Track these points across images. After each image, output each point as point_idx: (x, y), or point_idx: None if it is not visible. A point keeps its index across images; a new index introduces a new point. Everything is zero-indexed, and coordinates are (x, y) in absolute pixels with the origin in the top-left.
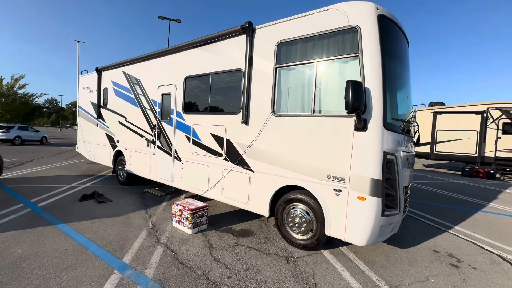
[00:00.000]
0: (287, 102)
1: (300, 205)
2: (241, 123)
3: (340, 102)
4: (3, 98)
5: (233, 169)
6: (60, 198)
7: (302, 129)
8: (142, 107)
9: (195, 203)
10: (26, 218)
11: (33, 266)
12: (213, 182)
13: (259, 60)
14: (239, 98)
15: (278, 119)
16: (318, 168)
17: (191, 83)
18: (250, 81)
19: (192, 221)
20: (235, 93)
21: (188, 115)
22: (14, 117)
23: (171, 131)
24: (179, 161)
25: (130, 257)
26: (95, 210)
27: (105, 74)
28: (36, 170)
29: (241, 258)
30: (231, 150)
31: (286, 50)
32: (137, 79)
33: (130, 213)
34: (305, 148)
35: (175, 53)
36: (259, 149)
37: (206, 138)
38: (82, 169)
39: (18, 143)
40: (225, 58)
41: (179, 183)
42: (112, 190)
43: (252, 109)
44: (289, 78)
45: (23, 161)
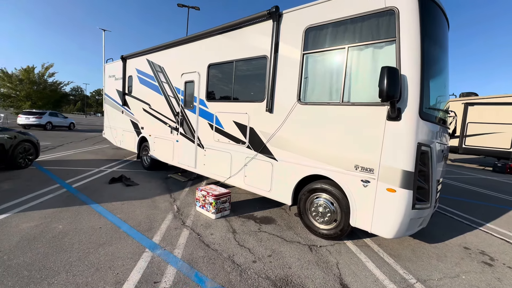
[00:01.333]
0: (314, 90)
1: (324, 195)
2: (265, 111)
3: (371, 90)
4: (35, 86)
5: (256, 157)
6: (91, 180)
7: (330, 118)
8: (166, 95)
9: (218, 189)
10: (63, 197)
11: (73, 241)
12: (236, 169)
13: (285, 47)
14: (264, 86)
15: (304, 108)
16: (345, 158)
17: (214, 70)
18: (275, 68)
19: (216, 207)
20: (260, 80)
21: (211, 102)
22: (45, 104)
23: (194, 118)
24: (201, 148)
25: (159, 237)
26: (123, 193)
27: (129, 62)
28: (67, 154)
29: (264, 244)
30: (254, 138)
31: (314, 35)
32: (160, 66)
33: (155, 196)
34: (331, 137)
35: (198, 40)
36: (283, 137)
37: (229, 126)
38: (109, 154)
39: (49, 128)
40: (249, 44)
41: (201, 169)
42: (138, 174)
43: (277, 97)
44: (317, 65)
45: (55, 145)
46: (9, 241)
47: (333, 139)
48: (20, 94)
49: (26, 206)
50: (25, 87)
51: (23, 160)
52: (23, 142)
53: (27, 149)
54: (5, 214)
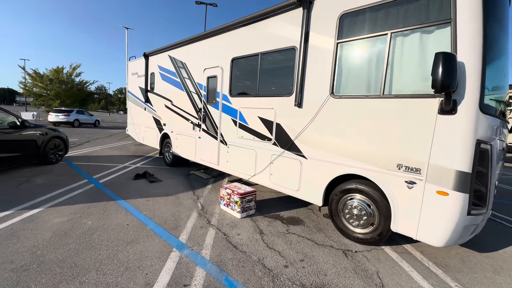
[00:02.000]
0: (350, 82)
1: (359, 196)
2: (294, 106)
3: (418, 80)
4: (64, 85)
5: (283, 154)
6: (117, 176)
7: (368, 112)
8: (188, 91)
9: (243, 188)
10: (91, 192)
11: (102, 238)
12: (261, 167)
13: (317, 36)
14: (292, 79)
15: (338, 101)
16: (385, 157)
17: (238, 64)
18: (305, 59)
19: (241, 206)
20: (287, 73)
21: (235, 98)
22: (73, 102)
23: (217, 114)
24: (225, 144)
25: (185, 236)
26: (147, 189)
27: (152, 59)
28: (93, 149)
29: (295, 247)
30: (281, 135)
31: (350, 22)
32: (182, 62)
33: (179, 193)
34: (369, 133)
35: (221, 34)
36: (313, 134)
37: (253, 122)
38: (132, 150)
39: (76, 125)
40: (276, 35)
41: (224, 166)
42: (160, 170)
43: (307, 91)
44: (353, 54)
45: (82, 141)
46: (42, 236)
47: (372, 135)
48: (50, 93)
49: (57, 201)
50: (54, 87)
51: (54, 155)
52: (53, 138)
53: (57, 145)
54: (38, 209)
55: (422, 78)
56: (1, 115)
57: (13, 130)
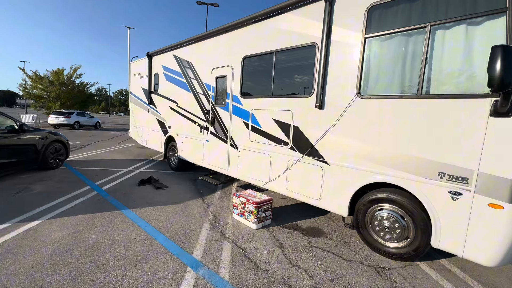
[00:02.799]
0: (380, 81)
1: (391, 207)
2: (315, 107)
3: (463, 78)
4: (64, 87)
5: (301, 160)
6: (121, 182)
7: (402, 114)
8: (194, 92)
9: (258, 196)
10: (94, 201)
11: (108, 255)
12: (276, 173)
13: (341, 31)
14: (312, 78)
15: (366, 102)
16: (424, 164)
17: (250, 63)
18: (327, 57)
19: (257, 216)
20: (306, 72)
21: (247, 99)
22: (73, 104)
23: (226, 116)
24: (235, 149)
25: (199, 252)
26: (154, 196)
27: (155, 59)
28: (95, 153)
29: (321, 263)
30: (300, 139)
31: (380, 15)
32: (188, 62)
33: (187, 201)
34: (404, 137)
35: (231, 31)
36: (337, 138)
37: (268, 125)
38: (134, 153)
39: (77, 127)
40: (293, 32)
41: (235, 172)
42: (166, 175)
43: (329, 91)
44: (384, 50)
45: (83, 144)
46: (41, 254)
47: (407, 139)
48: (50, 95)
49: (57, 212)
50: (55, 88)
51: (54, 160)
52: (54, 142)
53: (58, 149)
54: (37, 221)
55: (468, 76)
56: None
57: (11, 134)
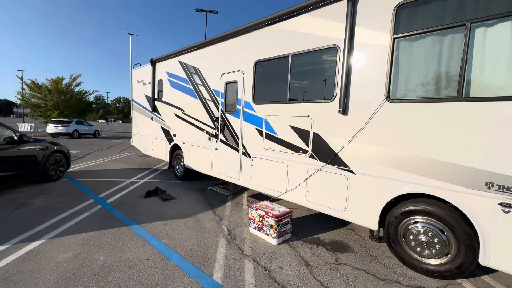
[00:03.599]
0: (412, 83)
1: (427, 219)
2: (338, 112)
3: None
4: (63, 95)
5: (323, 168)
6: (126, 194)
7: (439, 118)
8: (202, 98)
9: (277, 208)
10: (99, 216)
11: (120, 281)
12: (294, 183)
13: (365, 32)
14: (333, 82)
15: (397, 106)
16: (468, 172)
17: (263, 68)
18: (350, 59)
19: (277, 230)
20: (327, 76)
21: (260, 105)
22: (72, 112)
23: (237, 123)
24: (247, 157)
25: (220, 274)
26: (162, 209)
27: (159, 65)
28: (96, 163)
29: (355, 284)
30: (321, 146)
31: (411, 13)
32: (195, 68)
33: (198, 213)
34: (443, 144)
35: (241, 35)
36: (363, 145)
37: (284, 132)
38: (137, 162)
39: (76, 136)
40: (311, 34)
41: (248, 182)
42: (172, 185)
43: (353, 95)
44: (416, 51)
45: (84, 153)
46: (45, 282)
47: (445, 146)
48: (48, 103)
49: (61, 229)
50: (53, 97)
51: (55, 172)
52: (54, 153)
53: (59, 160)
54: (39, 241)
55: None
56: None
57: (10, 145)
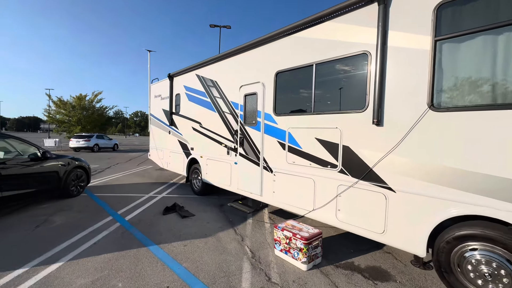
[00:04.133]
0: (463, 89)
1: (487, 246)
2: (372, 123)
3: None
4: (85, 111)
5: (356, 185)
6: (144, 210)
7: (501, 127)
8: (220, 111)
9: (305, 228)
10: (118, 235)
11: None
12: (322, 200)
13: (400, 35)
14: (364, 90)
15: (443, 115)
16: None
17: (284, 78)
18: (383, 65)
19: (307, 254)
20: (356, 84)
21: (282, 117)
22: (93, 127)
23: (257, 136)
24: (269, 172)
25: None
26: (181, 227)
27: (177, 79)
28: (115, 177)
29: None
30: (352, 160)
31: (454, 12)
32: (213, 81)
33: (218, 232)
34: (506, 157)
35: (260, 46)
36: (404, 159)
37: (309, 145)
38: (154, 176)
39: (96, 150)
40: (337, 41)
41: (270, 198)
42: (189, 201)
43: (388, 104)
44: (464, 53)
45: (103, 167)
46: None
47: (510, 160)
48: (72, 119)
49: (79, 250)
50: (76, 113)
51: (75, 187)
52: (75, 168)
53: (79, 176)
54: (57, 263)
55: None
56: (22, 146)
57: (34, 162)
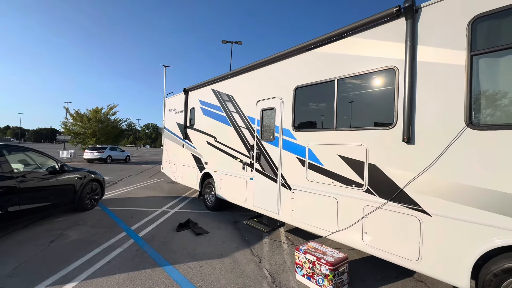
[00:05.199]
0: (503, 106)
1: None
2: (402, 141)
3: None
4: (100, 123)
5: (384, 206)
6: (157, 226)
7: None
8: (236, 126)
9: (329, 252)
10: (132, 253)
11: None
12: (347, 221)
13: (431, 50)
14: (391, 107)
15: (483, 134)
16: None
17: (304, 93)
18: (413, 81)
19: (334, 282)
20: (383, 100)
21: (301, 132)
22: (107, 139)
23: (275, 152)
24: (288, 189)
25: None
26: (196, 246)
27: (192, 94)
28: (127, 190)
29: None
30: (379, 180)
31: (491, 26)
32: (228, 95)
33: (234, 252)
34: None
35: (279, 61)
36: (439, 179)
37: (331, 162)
38: (166, 189)
39: (109, 161)
40: (362, 56)
41: (288, 217)
42: (203, 217)
43: (420, 121)
44: (504, 67)
45: (116, 179)
46: None
47: None
48: (87, 131)
49: (93, 269)
50: (92, 125)
51: (90, 200)
52: (91, 181)
53: (94, 189)
54: (72, 283)
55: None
56: (41, 159)
57: (52, 175)
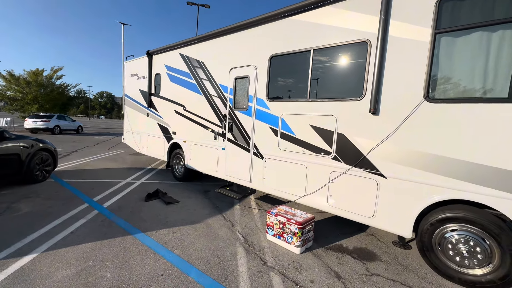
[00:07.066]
0: (456, 82)
1: (466, 227)
2: (368, 112)
3: None
4: (42, 88)
5: (348, 172)
6: (123, 197)
7: (488, 120)
8: (207, 94)
9: (298, 213)
10: (97, 223)
11: None
12: (314, 186)
13: (402, 26)
14: (362, 79)
15: (437, 106)
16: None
17: (279, 62)
18: (383, 55)
19: (301, 238)
20: (354, 72)
21: (275, 102)
22: (53, 107)
23: (248, 122)
24: (260, 158)
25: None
26: (167, 213)
27: (156, 58)
28: (84, 161)
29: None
30: (346, 148)
31: (455, 6)
32: (199, 61)
33: (207, 219)
34: (491, 147)
35: (254, 27)
36: (397, 147)
37: (303, 131)
38: (129, 161)
39: (57, 132)
40: (337, 28)
41: (259, 184)
42: (172, 187)
43: (385, 94)
44: (461, 47)
45: (69, 151)
46: None
47: (494, 150)
48: (27, 97)
49: (55, 240)
50: (32, 90)
51: (41, 172)
52: (40, 151)
53: (45, 159)
54: (31, 255)
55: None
56: None
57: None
